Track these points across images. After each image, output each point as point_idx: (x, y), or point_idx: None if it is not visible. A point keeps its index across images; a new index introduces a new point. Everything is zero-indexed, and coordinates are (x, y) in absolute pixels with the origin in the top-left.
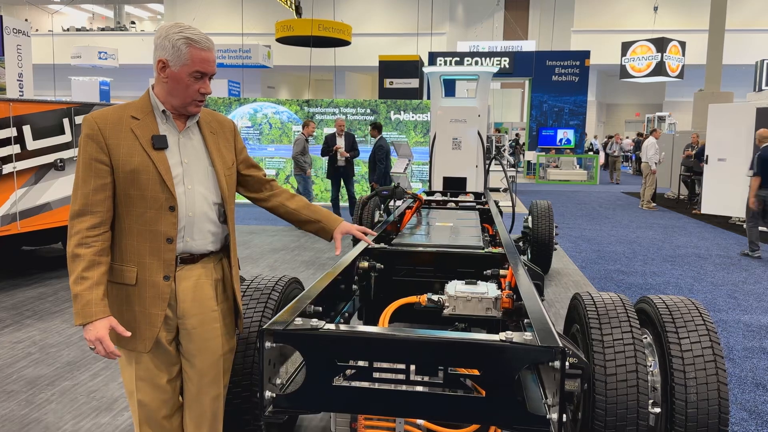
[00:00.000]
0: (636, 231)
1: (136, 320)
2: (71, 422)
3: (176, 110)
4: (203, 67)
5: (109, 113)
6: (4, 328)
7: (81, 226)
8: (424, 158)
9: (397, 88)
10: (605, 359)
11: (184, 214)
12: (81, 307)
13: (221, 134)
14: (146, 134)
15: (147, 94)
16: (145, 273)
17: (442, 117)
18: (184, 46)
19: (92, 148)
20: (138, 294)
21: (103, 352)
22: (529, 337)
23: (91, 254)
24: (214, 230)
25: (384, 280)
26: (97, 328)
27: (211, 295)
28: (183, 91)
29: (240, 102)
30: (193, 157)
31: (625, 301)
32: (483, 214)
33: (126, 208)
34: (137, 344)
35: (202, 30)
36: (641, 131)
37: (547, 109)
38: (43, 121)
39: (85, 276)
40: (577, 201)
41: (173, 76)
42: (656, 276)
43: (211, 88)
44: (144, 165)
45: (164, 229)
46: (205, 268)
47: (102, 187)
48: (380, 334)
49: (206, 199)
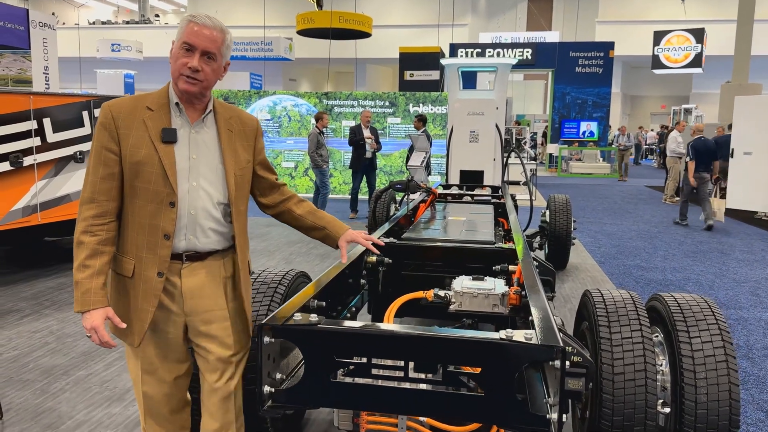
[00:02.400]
0: (658, 226)
1: (129, 313)
2: (83, 411)
3: (182, 97)
4: (191, 39)
5: (125, 102)
6: (23, 317)
7: (87, 213)
8: (442, 151)
9: (417, 80)
10: (613, 358)
11: (186, 211)
12: (81, 295)
13: (241, 132)
14: (157, 126)
15: (166, 86)
16: (141, 267)
17: (459, 109)
18: (184, 23)
19: (104, 136)
20: (133, 287)
21: (98, 341)
22: (530, 336)
23: (95, 243)
24: (219, 230)
25: (393, 274)
26: (93, 317)
27: (220, 292)
28: (173, 65)
29: (259, 95)
30: (202, 152)
31: (636, 298)
32: (499, 208)
33: (130, 199)
34: (129, 337)
35: (224, 22)
36: (666, 124)
37: (570, 101)
38: (63, 114)
39: (87, 264)
40: (599, 195)
41: (172, 54)
42: (676, 272)
43: (234, 81)
44: (149, 157)
45: (163, 224)
46: (213, 266)
47: (109, 176)
48: (378, 330)
49: (211, 197)
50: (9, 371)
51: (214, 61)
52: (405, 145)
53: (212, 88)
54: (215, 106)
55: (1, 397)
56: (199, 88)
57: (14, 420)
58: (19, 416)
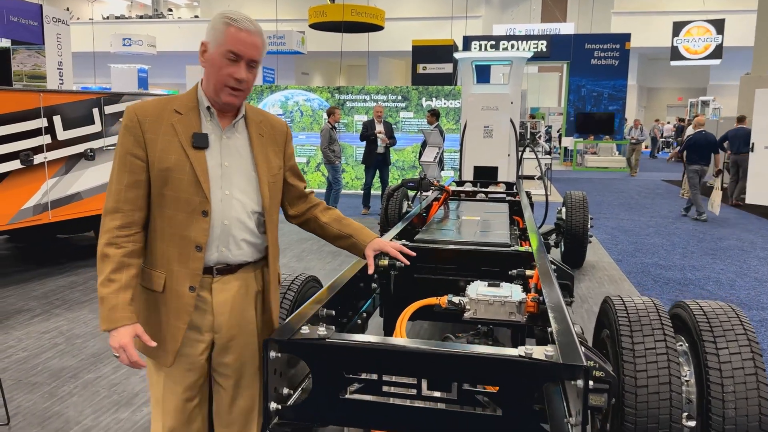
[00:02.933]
0: (675, 222)
1: (160, 331)
2: (91, 417)
3: (214, 101)
4: (237, 47)
5: (150, 105)
6: (34, 317)
7: (112, 224)
8: (456, 146)
9: (430, 74)
10: (636, 369)
11: (219, 221)
12: (107, 312)
13: (271, 137)
14: (187, 131)
15: (194, 88)
16: (173, 281)
17: (473, 104)
18: (222, 26)
19: (129, 141)
20: (164, 303)
21: (126, 361)
22: (551, 353)
23: (120, 255)
24: (252, 241)
25: (405, 277)
26: (121, 335)
27: (251, 306)
28: (215, 74)
29: (271, 89)
30: (235, 159)
31: (659, 306)
32: (514, 205)
33: (159, 208)
34: (161, 357)
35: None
36: (683, 116)
37: (586, 94)
38: (73, 111)
39: (112, 278)
40: (615, 189)
41: (210, 58)
42: (696, 270)
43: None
44: (180, 164)
45: (194, 235)
46: (245, 278)
47: (135, 183)
48: (390, 346)
49: (244, 207)
50: (18, 373)
51: (255, 68)
52: (418, 140)
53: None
54: (246, 111)
55: (10, 401)
56: (241, 98)
57: (22, 425)
58: (27, 421)
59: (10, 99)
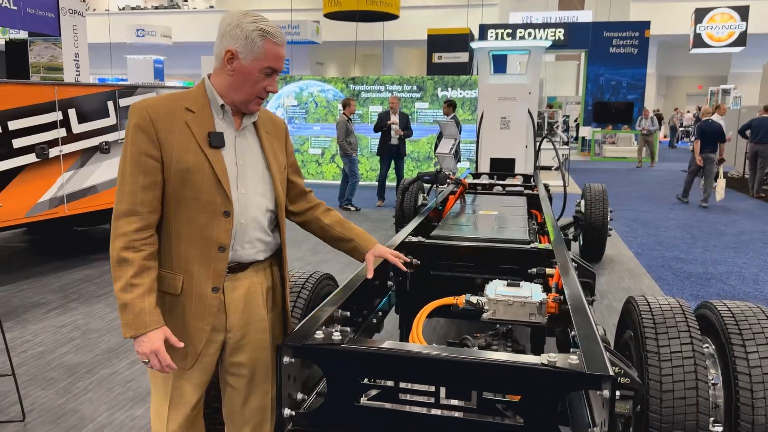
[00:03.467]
0: (697, 214)
1: (179, 334)
2: (106, 413)
3: (235, 106)
4: (276, 63)
5: (160, 103)
6: (50, 311)
7: (128, 228)
8: (472, 136)
9: (445, 63)
10: (661, 374)
11: (237, 220)
12: (133, 318)
13: (275, 134)
14: (202, 130)
15: (202, 84)
16: (192, 283)
17: (489, 95)
18: (259, 39)
19: (142, 140)
20: (183, 305)
21: (158, 366)
22: (575, 361)
23: (141, 258)
24: (265, 239)
25: (421, 274)
26: (152, 339)
27: (261, 304)
28: (250, 86)
29: (286, 80)
30: (249, 158)
31: (685, 307)
32: (532, 199)
33: (175, 210)
34: (180, 360)
35: (250, 6)
36: (702, 105)
37: (604, 83)
38: (88, 104)
39: (135, 283)
40: (634, 180)
41: (242, 69)
42: (718, 264)
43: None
44: (199, 164)
45: (217, 235)
46: (256, 276)
47: (151, 185)
48: (406, 352)
49: (259, 205)
50: (34, 369)
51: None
52: (433, 130)
53: None
54: None
55: (26, 397)
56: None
57: (37, 422)
58: (42, 417)
59: (25, 92)
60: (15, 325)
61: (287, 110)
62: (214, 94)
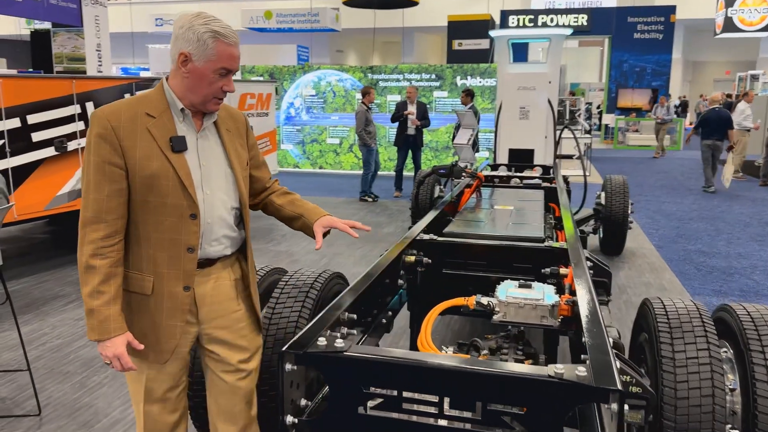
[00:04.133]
0: (721, 205)
1: (153, 331)
2: (119, 408)
3: (194, 107)
4: (230, 64)
5: (122, 109)
6: (69, 303)
7: (95, 235)
8: (491, 125)
9: (466, 50)
10: (676, 380)
11: (204, 221)
12: (98, 323)
13: (236, 131)
14: (164, 135)
15: (161, 88)
16: (162, 283)
17: (508, 84)
18: (210, 40)
19: (105, 149)
20: (154, 304)
21: (120, 368)
22: (583, 373)
23: (107, 266)
24: (231, 235)
25: (433, 272)
26: (115, 344)
27: (232, 295)
28: (206, 87)
29: (304, 70)
30: (211, 159)
31: (702, 311)
32: (550, 191)
33: (143, 215)
34: (155, 356)
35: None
36: (729, 91)
37: (628, 69)
38: (106, 97)
39: (101, 290)
40: (657, 169)
41: (196, 71)
42: (742, 258)
43: (281, 54)
44: (163, 170)
45: (185, 238)
46: (223, 269)
47: (117, 192)
48: (410, 361)
49: (225, 204)
50: (51, 362)
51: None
52: (452, 120)
53: None
54: None
55: (42, 390)
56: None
57: (52, 416)
58: (57, 412)
59: (43, 86)
60: (34, 317)
61: (305, 100)
62: (173, 98)
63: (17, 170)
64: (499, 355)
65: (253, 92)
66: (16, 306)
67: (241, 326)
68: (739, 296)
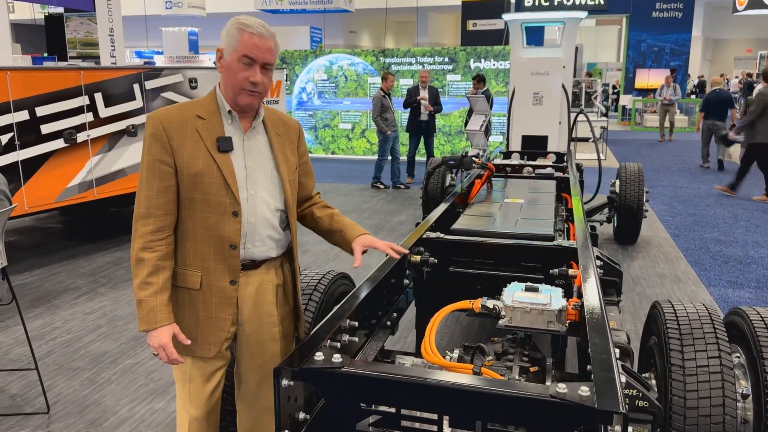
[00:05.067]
0: (740, 189)
1: (200, 325)
2: (128, 406)
3: (235, 105)
4: (251, 52)
5: (173, 112)
6: (80, 296)
7: (145, 229)
8: (504, 109)
9: (480, 30)
10: (685, 389)
11: (246, 220)
12: (146, 313)
13: (286, 136)
14: (211, 135)
15: (213, 92)
16: (210, 278)
17: (522, 69)
18: (236, 32)
19: (156, 148)
20: (203, 299)
21: (166, 359)
22: (585, 393)
23: (155, 259)
24: (276, 237)
25: (440, 271)
26: (161, 335)
27: (271, 299)
28: (233, 79)
29: (315, 54)
30: (257, 160)
31: (714, 316)
32: (562, 181)
33: (189, 211)
34: (202, 350)
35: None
36: (750, 71)
37: (646, 49)
38: (114, 87)
39: (149, 281)
40: (675, 152)
41: (226, 64)
42: (759, 247)
43: (293, 37)
44: (208, 168)
45: (228, 234)
46: (267, 273)
47: (165, 189)
48: (408, 378)
49: (269, 205)
50: (61, 357)
51: (270, 71)
52: (465, 104)
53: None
54: (263, 112)
55: (52, 387)
56: (258, 100)
57: (61, 414)
58: (66, 410)
59: (51, 78)
60: (46, 311)
61: (317, 84)
62: (223, 101)
63: (27, 163)
64: (504, 360)
65: None
66: (28, 299)
67: (274, 330)
68: (755, 287)
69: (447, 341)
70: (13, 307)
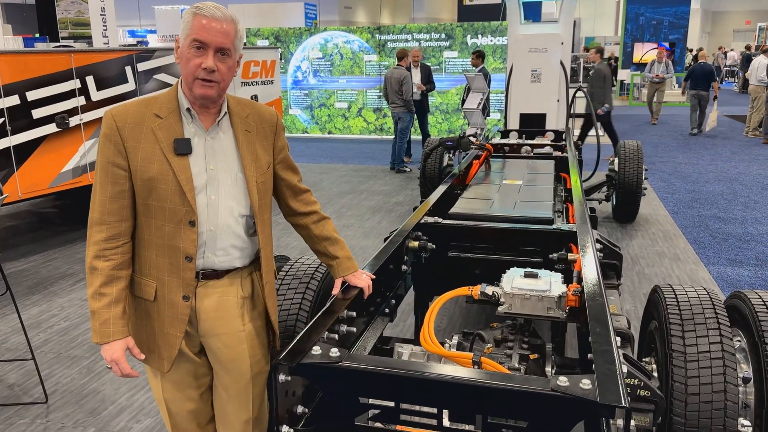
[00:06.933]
0: (738, 165)
1: (156, 338)
2: (126, 395)
3: (195, 101)
4: (200, 34)
5: (131, 110)
6: (77, 282)
7: (98, 237)
8: (502, 86)
9: (478, 5)
10: (687, 375)
11: (205, 228)
12: (99, 326)
13: (259, 131)
14: (168, 137)
15: (174, 88)
16: (164, 290)
17: (519, 46)
18: (189, 16)
19: (109, 150)
20: (157, 311)
21: (119, 374)
22: (587, 386)
23: (109, 268)
24: (240, 245)
25: (438, 256)
26: (114, 348)
27: (236, 313)
28: (185, 67)
29: (310, 32)
30: (221, 161)
31: (715, 300)
32: (561, 161)
33: (146, 218)
34: (158, 363)
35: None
36: (750, 43)
37: (644, 22)
38: (106, 70)
39: (102, 292)
40: (673, 128)
41: (180, 53)
42: (758, 224)
43: (287, 14)
44: (163, 173)
45: (183, 245)
46: (231, 285)
47: (119, 194)
48: (407, 372)
49: (232, 211)
50: (59, 346)
51: (229, 57)
52: (462, 81)
53: (227, 89)
54: (230, 106)
55: (50, 376)
56: (216, 90)
57: (59, 404)
58: (64, 399)
59: (41, 61)
60: (43, 298)
61: (312, 63)
62: (182, 98)
63: (19, 148)
64: (503, 347)
65: (257, 59)
66: (24, 286)
67: (243, 348)
68: (754, 265)
69: (447, 324)
70: (9, 295)
